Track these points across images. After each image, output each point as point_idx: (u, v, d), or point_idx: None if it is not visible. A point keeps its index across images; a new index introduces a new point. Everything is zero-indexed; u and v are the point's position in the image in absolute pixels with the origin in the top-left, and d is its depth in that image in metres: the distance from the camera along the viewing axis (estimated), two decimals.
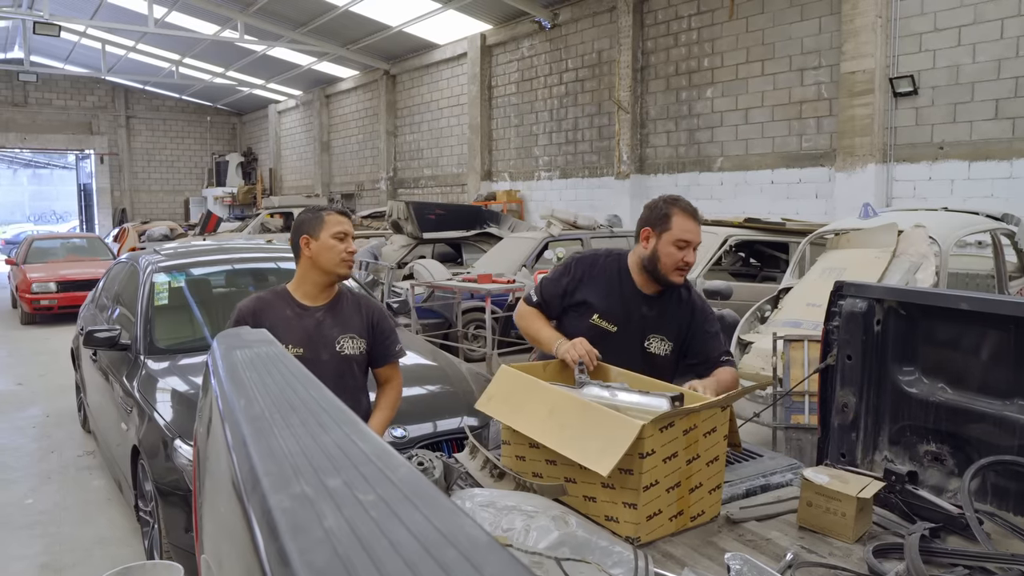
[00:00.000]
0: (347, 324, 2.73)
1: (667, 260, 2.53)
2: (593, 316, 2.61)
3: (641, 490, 1.87)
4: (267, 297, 2.73)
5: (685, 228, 2.51)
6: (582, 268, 2.69)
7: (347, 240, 2.68)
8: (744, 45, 11.15)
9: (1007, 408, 2.02)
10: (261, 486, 0.70)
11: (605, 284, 2.64)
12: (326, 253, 2.64)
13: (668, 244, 2.52)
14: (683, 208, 2.55)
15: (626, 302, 2.62)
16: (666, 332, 2.63)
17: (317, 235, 2.65)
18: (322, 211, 2.71)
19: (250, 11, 17.09)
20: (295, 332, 2.63)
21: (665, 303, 2.64)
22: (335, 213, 2.70)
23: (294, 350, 2.59)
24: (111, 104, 27.56)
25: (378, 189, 20.66)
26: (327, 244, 2.65)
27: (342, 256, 2.66)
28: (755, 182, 11.13)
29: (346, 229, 2.68)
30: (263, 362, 1.20)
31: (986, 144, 8.56)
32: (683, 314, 2.65)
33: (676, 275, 2.55)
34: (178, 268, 4.93)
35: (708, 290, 7.04)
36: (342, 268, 2.68)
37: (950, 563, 1.72)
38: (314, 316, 2.69)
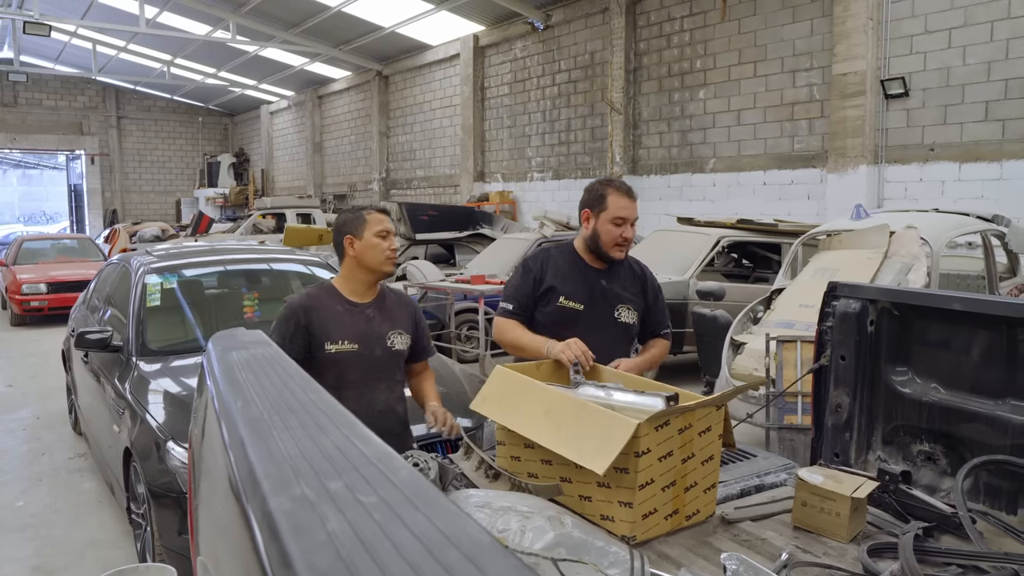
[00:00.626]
0: (395, 320, 2.80)
1: (606, 237, 2.72)
2: (560, 299, 2.75)
3: (636, 489, 1.87)
4: (317, 293, 2.77)
5: (620, 206, 2.70)
6: (538, 262, 2.84)
7: (389, 238, 2.73)
8: (736, 47, 11.19)
9: (999, 408, 2.04)
10: (261, 488, 0.70)
11: (562, 269, 2.80)
12: (370, 252, 2.69)
13: (606, 222, 2.71)
14: (617, 188, 2.73)
15: (584, 280, 2.78)
16: (631, 302, 2.82)
17: (360, 234, 2.69)
18: (363, 210, 2.75)
19: (242, 11, 17.04)
20: (348, 328, 2.68)
21: (619, 275, 2.84)
22: (376, 212, 2.74)
23: (349, 346, 2.65)
24: (102, 104, 27.43)
25: (371, 190, 20.64)
26: (371, 243, 2.69)
27: (386, 254, 2.71)
28: (747, 183, 11.17)
29: (388, 227, 2.73)
30: (259, 364, 1.19)
31: (976, 146, 8.62)
32: (640, 286, 2.88)
33: (616, 250, 2.74)
34: (170, 269, 4.91)
35: (701, 291, 7.06)
36: (387, 266, 2.73)
37: (944, 562, 1.73)
38: (364, 312, 2.74)
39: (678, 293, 7.58)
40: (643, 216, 12.64)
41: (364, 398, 2.67)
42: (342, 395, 2.59)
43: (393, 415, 2.77)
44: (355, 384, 2.66)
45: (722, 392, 2.18)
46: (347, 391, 2.63)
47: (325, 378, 2.59)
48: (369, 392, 2.69)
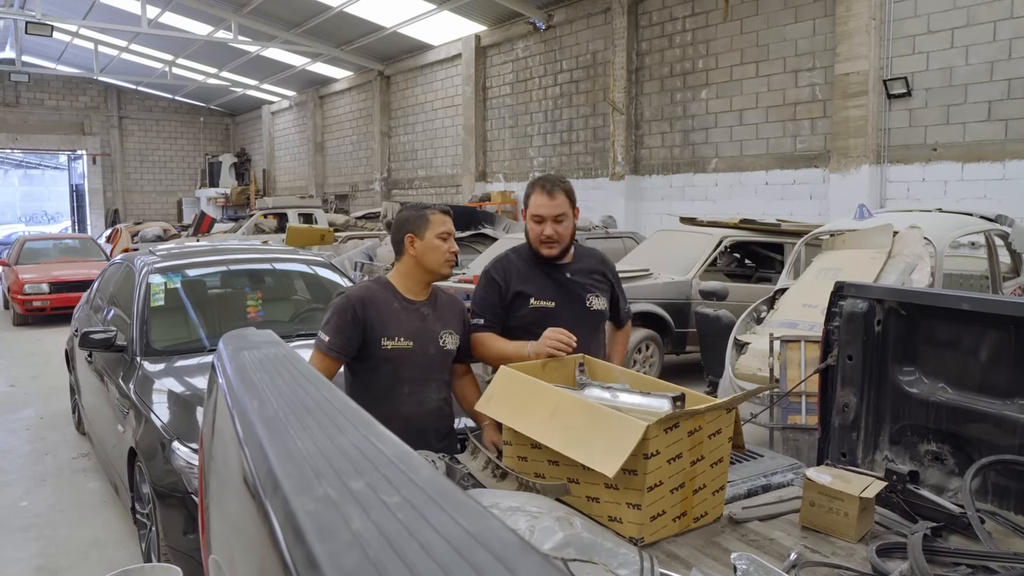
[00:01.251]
0: (447, 320, 2.79)
1: (531, 234, 2.78)
2: (531, 301, 2.78)
3: (645, 491, 1.87)
4: (375, 288, 2.75)
5: (537, 204, 2.74)
6: (499, 270, 2.86)
7: (450, 240, 2.70)
8: (739, 47, 11.18)
9: (1007, 408, 2.03)
10: (282, 488, 0.70)
11: (524, 272, 2.83)
12: (431, 253, 2.66)
13: (529, 221, 2.78)
14: (540, 186, 2.76)
15: (549, 277, 2.81)
16: (598, 288, 2.86)
17: (422, 235, 2.66)
18: (426, 210, 2.70)
19: (244, 12, 17.04)
20: (405, 325, 2.66)
21: (580, 265, 2.87)
22: (439, 212, 2.70)
23: (405, 343, 2.64)
24: (103, 104, 27.43)
25: (372, 190, 20.64)
26: (432, 244, 2.66)
27: (446, 256, 2.68)
28: (750, 183, 11.16)
29: (450, 229, 2.70)
30: (272, 363, 1.19)
31: (979, 146, 8.61)
32: (601, 271, 2.92)
33: (543, 248, 2.76)
34: (174, 269, 4.91)
35: (704, 291, 7.06)
36: (445, 268, 2.71)
37: (953, 562, 1.73)
38: (419, 311, 2.72)
39: (681, 293, 7.57)
40: (645, 216, 12.69)
41: (416, 396, 2.66)
42: (395, 392, 2.62)
43: (441, 415, 2.75)
44: (409, 382, 2.65)
45: (733, 396, 2.18)
46: (400, 388, 2.63)
47: (378, 374, 2.62)
48: (421, 391, 2.68)
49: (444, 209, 2.74)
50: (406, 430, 2.41)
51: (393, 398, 2.62)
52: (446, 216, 2.71)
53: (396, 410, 2.59)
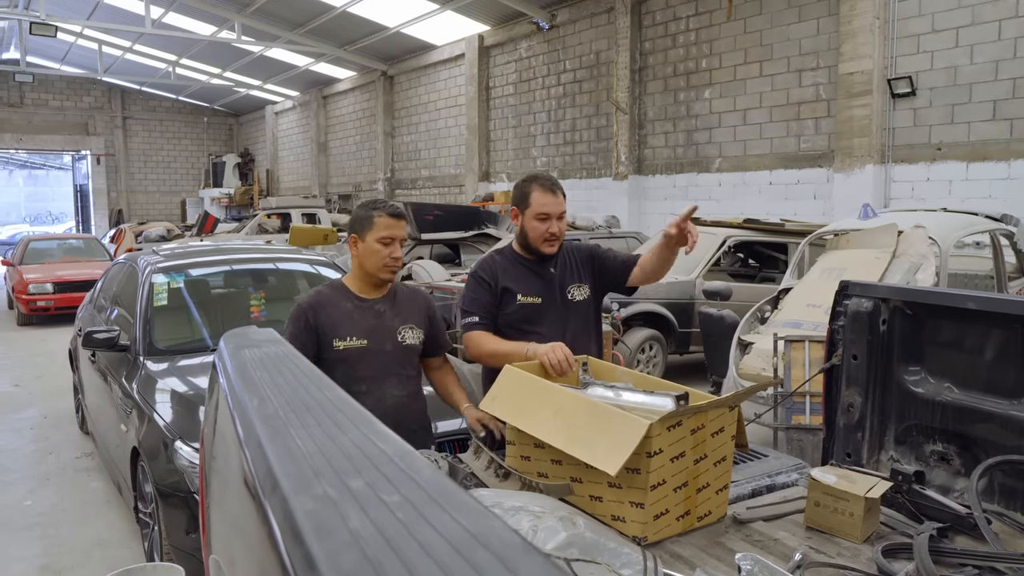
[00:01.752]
0: (407, 315, 2.76)
1: (533, 234, 2.75)
2: (518, 297, 2.78)
3: (648, 489, 1.86)
4: (326, 292, 2.74)
5: (542, 202, 2.71)
6: (487, 270, 2.85)
7: (393, 245, 2.63)
8: (742, 46, 11.16)
9: (1014, 407, 2.02)
10: (281, 488, 0.69)
11: (510, 271, 2.83)
12: (370, 257, 2.64)
13: (531, 219, 2.73)
14: (541, 184, 2.74)
15: (534, 275, 2.82)
16: (578, 279, 2.86)
17: (364, 237, 2.63)
18: (374, 211, 2.64)
19: (247, 12, 17.06)
20: (358, 325, 2.65)
21: (561, 261, 2.87)
22: (386, 215, 2.63)
23: (357, 342, 2.62)
24: (107, 105, 27.49)
25: (375, 190, 20.64)
26: (371, 248, 2.63)
27: (384, 262, 2.64)
28: (753, 183, 11.14)
29: (394, 234, 2.63)
30: (273, 362, 1.18)
31: (984, 145, 8.58)
32: (581, 259, 2.90)
33: (546, 246, 2.76)
34: (177, 269, 4.91)
35: (708, 291, 7.05)
36: (384, 273, 2.67)
37: (959, 563, 1.71)
38: (374, 308, 2.70)
39: (684, 293, 7.56)
40: (649, 216, 12.67)
41: (374, 394, 2.62)
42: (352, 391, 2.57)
43: (408, 410, 2.72)
44: (365, 380, 2.62)
45: (734, 392, 2.17)
46: (357, 387, 2.59)
47: (335, 376, 2.58)
48: (379, 388, 2.65)
49: (395, 211, 2.66)
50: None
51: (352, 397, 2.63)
52: (394, 219, 2.64)
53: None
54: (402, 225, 2.67)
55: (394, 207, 2.68)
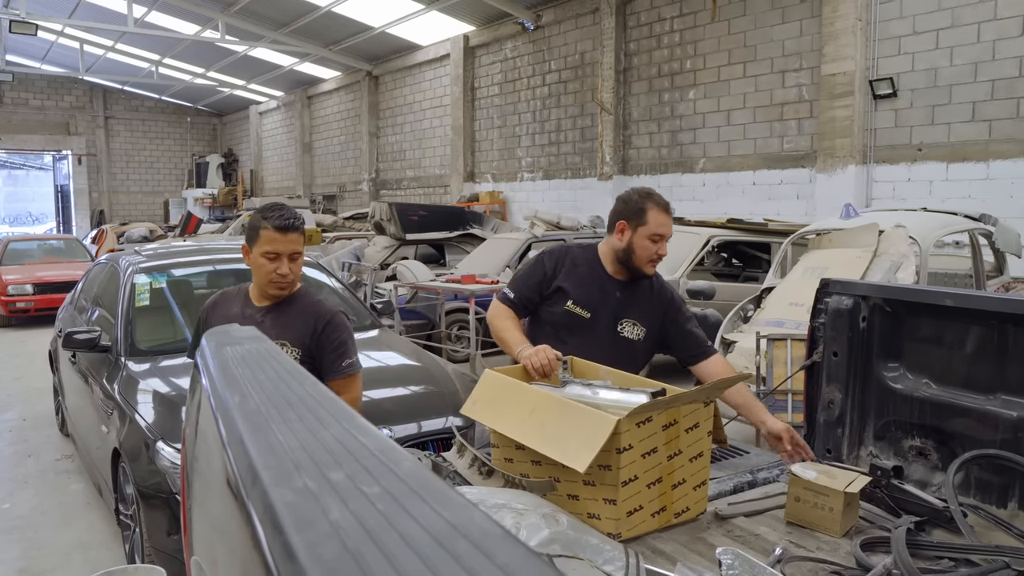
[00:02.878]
0: (284, 330, 2.50)
1: (642, 253, 2.61)
2: (568, 303, 2.66)
3: (620, 486, 1.87)
4: (229, 293, 2.65)
5: (660, 223, 2.59)
6: (553, 260, 2.73)
7: (279, 260, 2.41)
8: (726, 47, 11.23)
9: (990, 403, 2.05)
10: (261, 481, 0.69)
11: (580, 273, 2.70)
12: (256, 271, 2.49)
13: (643, 238, 2.60)
14: (657, 203, 2.62)
15: (600, 289, 2.68)
16: (638, 317, 2.69)
17: (252, 248, 2.47)
18: (264, 221, 2.42)
19: (231, 11, 16.96)
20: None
21: (636, 289, 2.72)
22: (273, 229, 2.39)
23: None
24: (89, 104, 27.22)
25: (360, 190, 20.58)
26: (257, 262, 2.45)
27: (271, 278, 2.45)
28: (737, 183, 11.21)
29: (279, 249, 2.40)
30: (255, 359, 1.18)
31: (963, 146, 8.68)
32: (656, 302, 2.73)
33: (649, 267, 2.64)
34: (159, 269, 4.88)
35: (691, 290, 7.08)
36: (271, 289, 2.48)
37: (936, 556, 1.74)
38: (255, 318, 2.50)
39: None
40: None
41: None
42: None
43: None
44: None
45: (700, 386, 2.19)
46: None
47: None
48: None
49: (284, 225, 2.41)
50: None
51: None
52: (283, 234, 2.40)
53: None
54: (293, 239, 2.42)
55: (283, 218, 2.41)
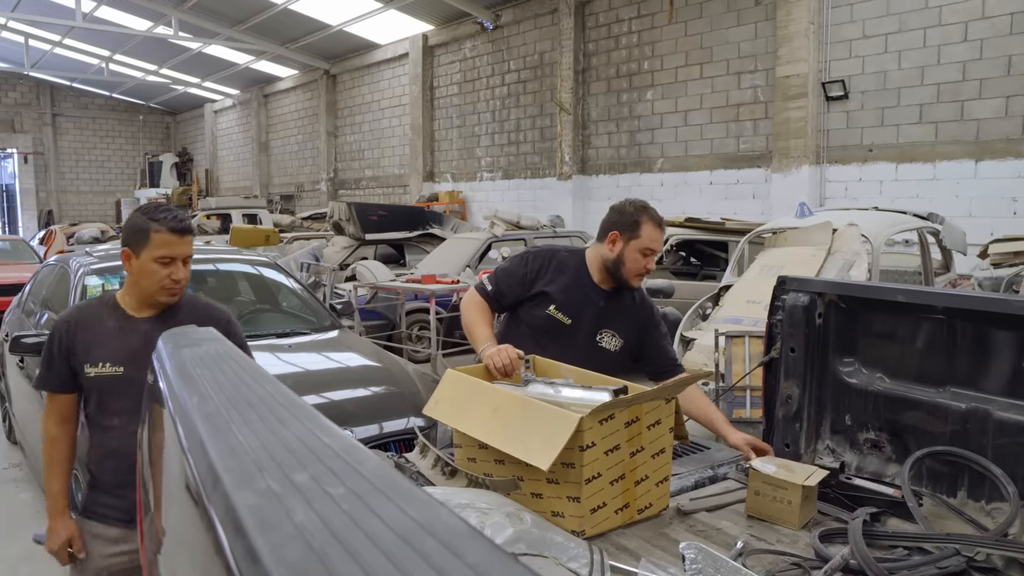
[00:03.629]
0: None
1: (632, 266, 2.60)
2: (550, 307, 2.64)
3: (583, 483, 1.88)
4: (90, 307, 2.35)
5: (653, 238, 2.59)
6: (540, 261, 2.71)
7: (173, 265, 2.22)
8: (683, 49, 11.37)
9: (940, 395, 2.11)
10: (223, 484, 0.67)
11: (565, 278, 2.68)
12: (145, 278, 2.22)
13: (635, 251, 2.58)
14: (652, 217, 2.62)
15: (584, 297, 2.67)
16: (618, 328, 2.68)
17: (139, 253, 2.21)
18: (152, 223, 2.20)
19: (185, 7, 16.63)
20: (114, 348, 2.23)
21: (619, 300, 2.71)
22: (166, 231, 2.19)
23: (111, 369, 2.21)
24: (35, 101, 26.44)
25: (318, 190, 20.35)
26: (147, 268, 2.20)
27: (163, 284, 2.23)
28: (694, 183, 11.36)
29: (172, 253, 2.21)
30: (213, 360, 1.16)
31: (912, 147, 8.93)
32: (637, 315, 2.73)
33: (636, 280, 2.64)
34: (112, 271, 4.75)
35: (650, 288, 7.15)
36: (163, 295, 2.26)
37: (890, 545, 1.78)
38: (141, 329, 2.25)
39: None
40: (592, 215, 12.78)
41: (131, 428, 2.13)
42: (104, 425, 2.25)
43: None
44: (119, 413, 2.22)
45: (663, 384, 2.21)
46: (109, 420, 2.24)
47: (89, 405, 2.27)
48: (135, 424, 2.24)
49: (177, 227, 2.22)
50: (120, 467, 2.19)
51: (101, 432, 2.25)
52: (175, 236, 2.21)
53: (106, 445, 2.25)
54: (188, 242, 2.26)
55: (177, 219, 2.24)
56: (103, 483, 2.31)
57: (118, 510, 2.28)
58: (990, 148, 8.34)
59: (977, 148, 8.44)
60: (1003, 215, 8.21)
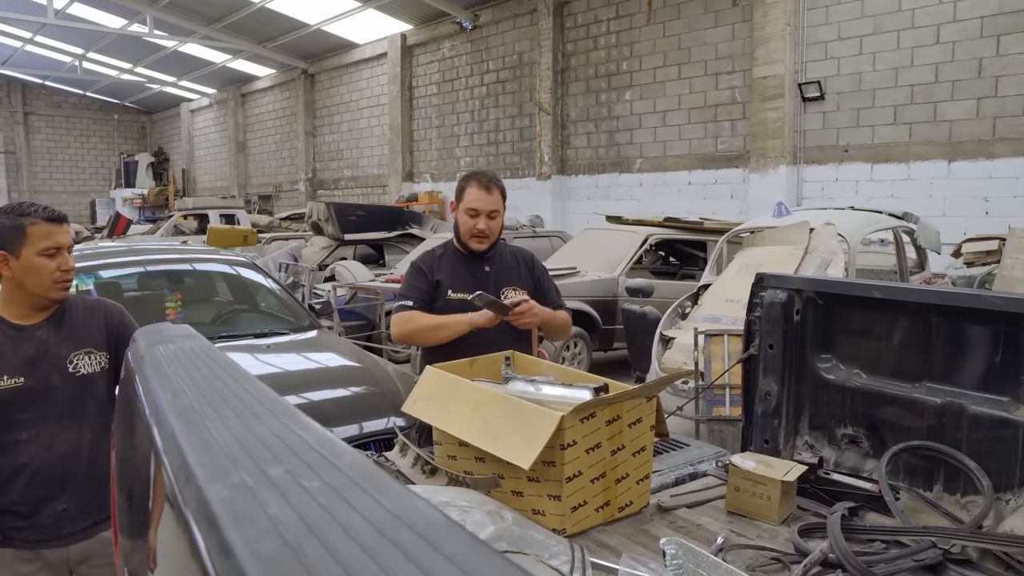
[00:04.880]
0: (80, 337, 2.25)
1: (463, 228, 2.81)
2: (448, 292, 2.81)
3: (564, 481, 1.87)
4: None
5: (474, 198, 2.76)
6: (427, 262, 2.90)
7: (60, 255, 2.13)
8: (661, 49, 11.43)
9: (916, 390, 2.13)
10: (195, 478, 0.66)
11: (448, 265, 2.87)
12: (33, 275, 2.11)
13: (463, 213, 2.80)
14: (477, 180, 2.79)
15: (468, 270, 2.86)
16: (515, 281, 2.89)
17: (18, 252, 2.09)
18: (24, 218, 2.10)
19: (159, 5, 16.44)
20: (10, 359, 2.13)
21: (499, 259, 2.92)
22: (43, 221, 2.11)
23: (11, 381, 2.11)
24: (6, 99, 26.03)
25: (297, 190, 20.22)
26: (33, 264, 2.10)
27: (55, 276, 2.13)
28: (673, 183, 11.42)
29: (59, 242, 2.13)
30: (188, 356, 1.14)
31: (887, 147, 9.04)
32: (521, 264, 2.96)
33: (474, 242, 2.80)
34: (87, 271, 4.67)
35: (630, 288, 7.18)
36: (56, 291, 2.17)
37: (868, 539, 1.80)
38: (34, 336, 2.18)
39: (607, 291, 7.68)
40: (572, 215, 12.83)
41: (41, 440, 2.14)
42: (11, 440, 2.13)
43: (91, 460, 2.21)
44: (27, 425, 2.13)
45: (646, 382, 2.22)
46: (16, 434, 2.13)
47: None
48: (48, 433, 2.15)
49: (52, 215, 2.15)
50: (33, 484, 2.14)
51: (7, 450, 2.13)
52: (53, 224, 2.13)
53: (16, 461, 2.13)
54: (65, 230, 2.17)
55: (49, 209, 2.16)
56: (11, 504, 2.14)
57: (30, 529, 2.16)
58: (962, 149, 8.47)
59: (950, 149, 8.57)
60: (975, 215, 8.34)
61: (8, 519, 2.15)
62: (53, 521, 2.18)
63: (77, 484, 2.21)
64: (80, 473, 2.21)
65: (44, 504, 2.17)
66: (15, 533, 2.16)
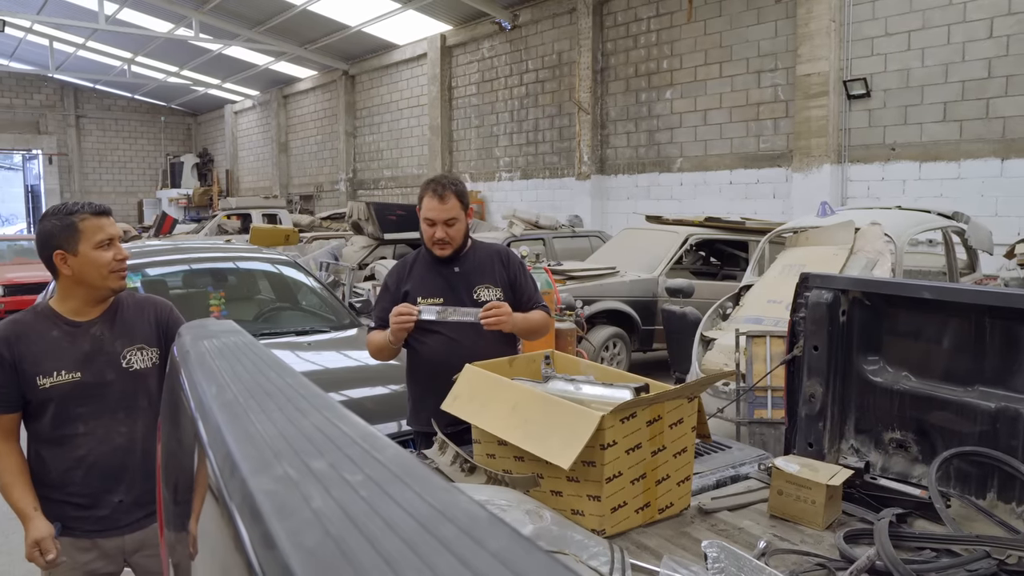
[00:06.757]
0: (132, 334, 2.31)
1: (425, 236, 2.83)
2: (419, 299, 2.81)
3: (604, 482, 1.86)
4: (26, 319, 2.25)
5: (427, 208, 2.77)
6: (394, 277, 2.93)
7: (114, 245, 2.21)
8: (702, 47, 11.29)
9: (968, 394, 2.07)
10: (240, 471, 0.67)
11: (417, 273, 2.90)
12: (91, 269, 2.18)
13: (422, 222, 2.81)
14: (432, 189, 2.78)
15: (437, 274, 2.87)
16: (488, 280, 2.87)
17: (75, 249, 2.16)
18: (73, 216, 2.17)
19: (205, 9, 16.77)
20: (67, 355, 2.20)
21: (471, 259, 2.91)
22: (91, 216, 2.19)
23: (68, 376, 2.18)
24: (60, 103, 26.79)
25: (337, 190, 20.45)
26: (91, 258, 2.17)
27: (112, 267, 2.20)
28: (714, 182, 11.28)
29: (109, 233, 2.21)
30: (232, 351, 1.15)
31: (935, 145, 8.80)
32: (494, 261, 2.93)
33: (436, 249, 2.81)
34: (134, 269, 4.78)
35: (670, 288, 7.11)
36: (114, 281, 2.23)
37: (917, 547, 1.75)
38: (89, 332, 2.25)
39: (647, 291, 7.62)
40: (611, 215, 12.75)
41: (97, 434, 2.22)
42: (68, 434, 2.21)
43: (144, 454, 2.27)
44: (83, 419, 2.21)
45: (688, 382, 2.19)
46: (73, 428, 2.20)
47: (44, 418, 2.20)
48: (103, 427, 2.23)
49: (98, 209, 2.24)
50: (90, 476, 2.20)
51: (66, 442, 2.21)
52: (102, 217, 2.22)
53: (74, 453, 2.20)
54: (112, 221, 2.26)
55: (93, 204, 2.25)
56: (70, 496, 2.22)
57: (88, 520, 2.23)
58: (1016, 146, 8.20)
59: (1003, 146, 8.30)
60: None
61: (67, 509, 2.22)
62: (110, 512, 2.25)
63: (132, 477, 2.27)
64: (135, 466, 2.27)
65: (102, 496, 2.24)
66: (74, 523, 2.23)
